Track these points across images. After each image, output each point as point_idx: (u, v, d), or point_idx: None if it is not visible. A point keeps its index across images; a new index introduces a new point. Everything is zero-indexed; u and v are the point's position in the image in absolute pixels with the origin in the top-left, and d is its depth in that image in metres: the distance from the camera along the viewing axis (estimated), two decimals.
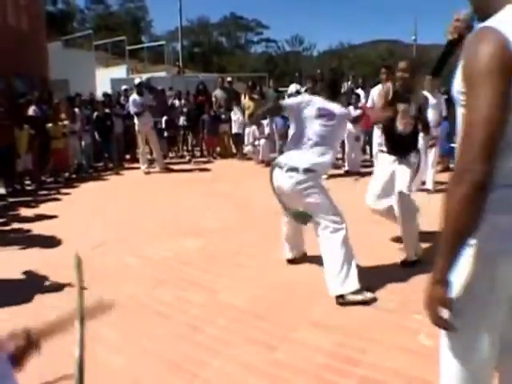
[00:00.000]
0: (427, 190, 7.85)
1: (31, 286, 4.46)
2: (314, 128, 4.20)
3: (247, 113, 11.78)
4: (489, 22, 1.41)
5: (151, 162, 11.16)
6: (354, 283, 3.91)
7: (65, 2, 58.45)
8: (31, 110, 9.81)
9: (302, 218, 4.32)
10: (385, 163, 5.07)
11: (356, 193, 7.46)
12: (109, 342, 3.38)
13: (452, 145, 9.59)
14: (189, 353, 3.24)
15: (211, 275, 4.58)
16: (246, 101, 12.16)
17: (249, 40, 67.94)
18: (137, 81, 11.04)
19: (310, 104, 4.31)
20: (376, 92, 8.59)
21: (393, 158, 4.98)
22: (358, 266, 4.02)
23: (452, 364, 1.66)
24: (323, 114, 4.23)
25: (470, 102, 1.41)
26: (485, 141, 1.34)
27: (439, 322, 1.56)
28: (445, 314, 1.55)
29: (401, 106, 4.96)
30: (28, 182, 9.46)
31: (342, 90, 12.34)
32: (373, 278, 4.33)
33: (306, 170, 4.05)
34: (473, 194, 1.36)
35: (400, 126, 4.94)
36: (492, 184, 1.37)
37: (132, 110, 10.66)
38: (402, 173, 4.83)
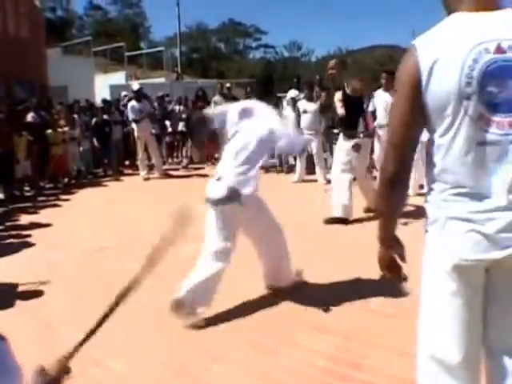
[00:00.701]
0: (424, 194, 7.85)
1: (32, 291, 4.46)
2: None
3: None
4: (419, 38, 1.69)
5: (150, 168, 11.17)
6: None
7: (64, 8, 58.64)
8: (30, 117, 9.84)
9: None
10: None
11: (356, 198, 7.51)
12: (110, 347, 3.38)
13: None
14: (190, 357, 3.25)
15: None
16: None
17: (247, 46, 68.08)
18: (135, 87, 11.06)
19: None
20: (377, 96, 8.62)
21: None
22: (356, 272, 4.04)
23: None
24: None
25: (390, 114, 1.81)
26: (395, 144, 1.72)
27: (391, 273, 2.07)
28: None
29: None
30: (27, 188, 9.48)
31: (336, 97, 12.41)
32: (371, 284, 4.35)
33: None
34: (385, 189, 1.83)
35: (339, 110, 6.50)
36: (405, 179, 1.83)
37: (130, 116, 10.67)
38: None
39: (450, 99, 1.57)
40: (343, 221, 6.46)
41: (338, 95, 6.60)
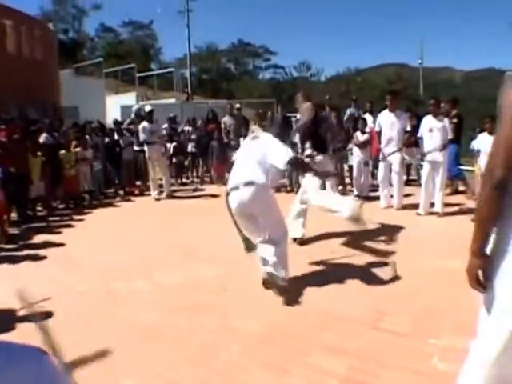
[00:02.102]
0: (436, 213, 7.87)
1: (43, 311, 4.49)
2: None
3: None
4: None
5: (160, 187, 11.24)
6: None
7: (76, 30, 59.54)
8: (43, 137, 9.96)
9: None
10: None
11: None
12: (122, 367, 3.40)
13: (460, 167, 9.65)
14: (202, 378, 3.26)
15: (224, 301, 4.60)
16: (255, 127, 12.25)
17: (257, 66, 68.70)
18: (147, 108, 11.16)
19: None
20: (383, 116, 8.68)
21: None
22: (367, 290, 4.04)
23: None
24: None
25: (499, 128, 1.96)
26: (503, 155, 1.88)
27: (475, 286, 2.04)
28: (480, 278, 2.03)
29: None
30: (40, 209, 9.56)
31: (345, 117, 12.48)
32: (383, 302, 4.36)
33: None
34: (493, 193, 1.91)
35: None
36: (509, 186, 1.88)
37: (142, 137, 10.77)
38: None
39: None
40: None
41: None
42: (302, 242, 6.51)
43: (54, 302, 4.75)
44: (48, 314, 4.38)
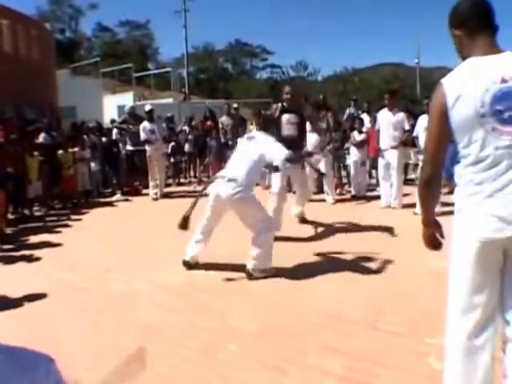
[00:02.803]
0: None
1: (41, 311, 4.50)
2: None
3: None
4: (445, 78, 2.29)
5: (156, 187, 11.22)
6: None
7: (72, 30, 59.49)
8: (41, 137, 9.97)
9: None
10: None
11: (364, 216, 7.53)
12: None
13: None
14: (201, 378, 3.27)
15: (223, 301, 4.61)
16: (252, 127, 12.27)
17: (254, 66, 68.75)
18: (147, 108, 11.17)
19: None
20: (382, 115, 8.71)
21: None
22: (365, 290, 4.05)
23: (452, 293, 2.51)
24: None
25: (427, 132, 2.47)
26: (430, 157, 2.40)
27: (431, 247, 2.65)
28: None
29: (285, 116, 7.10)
30: (37, 208, 9.55)
31: (344, 117, 12.52)
32: (381, 301, 4.37)
33: None
34: (424, 187, 2.46)
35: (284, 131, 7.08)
36: (439, 179, 2.45)
37: (142, 136, 10.78)
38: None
39: (470, 119, 2.18)
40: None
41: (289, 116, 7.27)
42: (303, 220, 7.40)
43: (52, 301, 4.76)
44: (46, 313, 4.39)
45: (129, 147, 11.32)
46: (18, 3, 19.66)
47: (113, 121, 13.16)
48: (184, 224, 5.38)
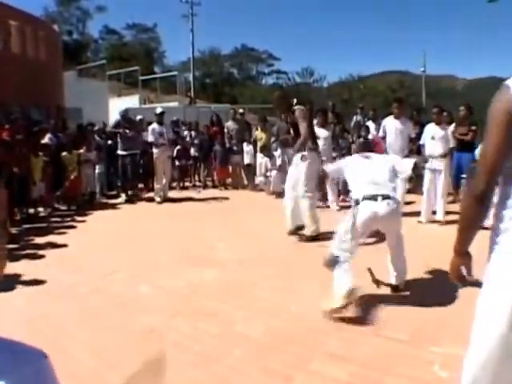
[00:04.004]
0: (438, 222, 7.87)
1: (44, 312, 4.50)
2: None
3: (259, 144, 11.94)
4: (510, 79, 1.91)
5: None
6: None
7: (80, 32, 59.73)
8: (47, 138, 9.99)
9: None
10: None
11: None
12: (123, 370, 3.40)
13: (463, 175, 9.66)
14: (204, 383, 3.26)
15: (227, 306, 4.60)
16: (258, 132, 12.30)
17: (260, 71, 68.95)
18: (158, 110, 11.21)
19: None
20: (388, 123, 8.70)
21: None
22: (367, 297, 4.04)
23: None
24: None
25: (484, 142, 2.00)
26: (485, 171, 1.95)
27: (457, 279, 2.19)
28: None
29: None
30: (41, 209, 9.56)
31: (352, 123, 12.54)
32: (385, 309, 4.36)
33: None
34: (472, 205, 2.00)
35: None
36: (491, 198, 1.96)
37: (150, 138, 10.80)
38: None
39: None
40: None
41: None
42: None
43: (55, 302, 4.76)
44: (48, 315, 4.39)
45: (120, 151, 10.95)
46: (26, 4, 19.85)
47: (105, 126, 13.05)
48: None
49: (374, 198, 4.50)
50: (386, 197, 4.50)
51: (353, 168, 4.99)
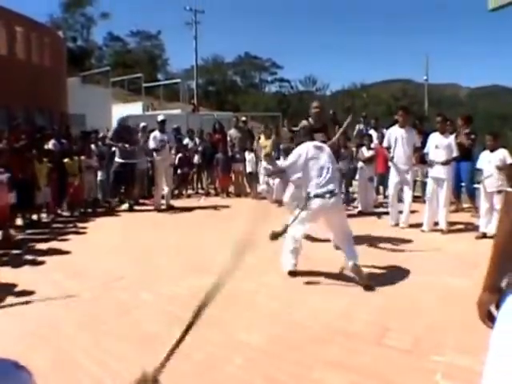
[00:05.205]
0: (440, 231, 7.87)
1: (46, 317, 4.50)
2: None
3: (264, 152, 11.94)
4: None
5: (163, 198, 11.21)
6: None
7: (84, 39, 59.99)
8: (51, 144, 10.02)
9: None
10: None
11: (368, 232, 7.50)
12: (124, 378, 3.40)
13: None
14: None
15: (228, 314, 4.59)
16: (262, 140, 12.32)
17: (263, 79, 69.08)
18: (160, 118, 11.21)
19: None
20: (393, 132, 8.68)
21: None
22: (371, 305, 4.04)
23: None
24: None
25: None
26: None
27: (485, 321, 1.81)
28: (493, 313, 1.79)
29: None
30: (44, 215, 9.57)
31: (354, 132, 12.56)
32: (387, 318, 4.36)
33: None
34: None
35: None
36: None
37: (152, 145, 10.82)
38: None
39: None
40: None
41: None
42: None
43: (57, 308, 4.77)
44: (51, 320, 4.40)
45: (118, 159, 10.73)
46: (32, 11, 20.03)
47: (104, 136, 12.80)
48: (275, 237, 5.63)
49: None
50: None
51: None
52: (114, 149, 11.10)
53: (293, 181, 6.15)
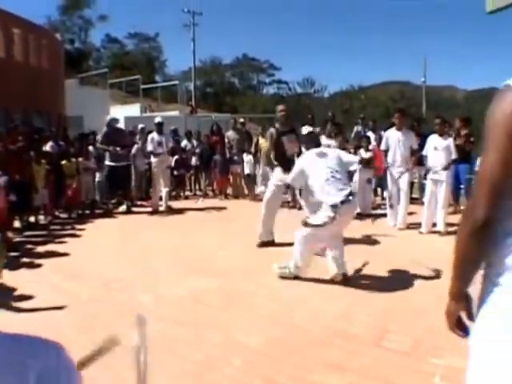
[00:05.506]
0: (438, 232, 7.87)
1: (44, 320, 4.49)
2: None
3: (263, 152, 11.92)
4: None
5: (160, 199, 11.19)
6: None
7: (82, 41, 59.97)
8: (49, 146, 10.01)
9: None
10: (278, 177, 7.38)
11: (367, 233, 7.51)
12: (123, 380, 3.39)
13: (461, 186, 9.69)
14: None
15: (227, 315, 4.60)
16: (262, 141, 12.30)
17: (261, 81, 69.13)
18: (157, 120, 11.20)
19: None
20: (390, 134, 8.70)
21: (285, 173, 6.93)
22: (370, 307, 4.04)
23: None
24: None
25: (483, 155, 1.57)
26: (487, 191, 1.52)
27: (455, 330, 1.87)
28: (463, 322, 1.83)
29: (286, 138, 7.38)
30: (41, 217, 9.55)
31: (352, 134, 12.58)
32: (386, 320, 4.36)
33: None
34: (470, 238, 1.58)
35: (288, 151, 7.31)
36: (494, 227, 1.53)
37: (149, 147, 10.81)
38: None
39: None
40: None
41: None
42: None
43: (54, 311, 4.76)
44: (49, 322, 4.39)
45: (108, 162, 10.73)
46: (30, 13, 20.08)
47: (83, 135, 12.60)
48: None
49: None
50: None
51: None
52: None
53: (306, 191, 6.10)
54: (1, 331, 0.92)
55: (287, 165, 7.00)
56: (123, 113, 23.24)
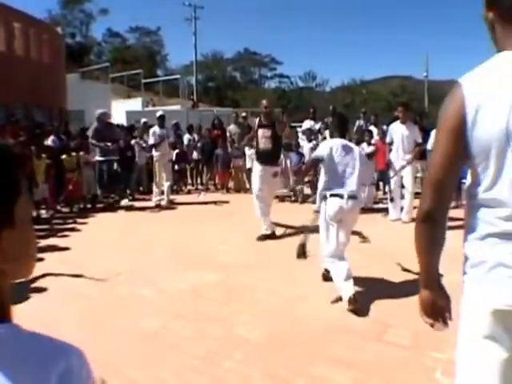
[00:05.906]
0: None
1: (46, 314, 4.49)
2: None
3: None
4: (465, 76, 1.62)
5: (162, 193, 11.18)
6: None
7: (83, 35, 59.86)
8: (50, 140, 9.99)
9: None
10: (257, 170, 7.64)
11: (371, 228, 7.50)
12: (126, 375, 3.39)
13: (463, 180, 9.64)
14: None
15: (228, 309, 4.60)
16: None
17: (262, 75, 68.96)
18: (158, 113, 11.19)
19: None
20: (395, 128, 8.66)
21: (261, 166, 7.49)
22: (372, 302, 4.03)
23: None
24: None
25: (434, 148, 1.68)
26: (430, 186, 1.67)
27: (428, 320, 1.96)
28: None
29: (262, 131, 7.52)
30: (43, 211, 9.55)
31: (354, 128, 12.55)
32: (387, 314, 4.35)
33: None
34: (420, 227, 1.78)
35: (261, 144, 7.54)
36: (442, 218, 1.74)
37: (150, 141, 10.82)
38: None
39: (497, 138, 1.50)
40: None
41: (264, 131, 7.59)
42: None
43: (56, 304, 4.76)
44: (51, 316, 4.38)
45: (98, 157, 10.52)
46: (30, 7, 20.03)
47: (85, 130, 12.38)
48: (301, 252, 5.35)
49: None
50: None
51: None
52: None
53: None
54: (23, 329, 0.91)
55: (260, 157, 7.59)
56: (125, 107, 23.23)
